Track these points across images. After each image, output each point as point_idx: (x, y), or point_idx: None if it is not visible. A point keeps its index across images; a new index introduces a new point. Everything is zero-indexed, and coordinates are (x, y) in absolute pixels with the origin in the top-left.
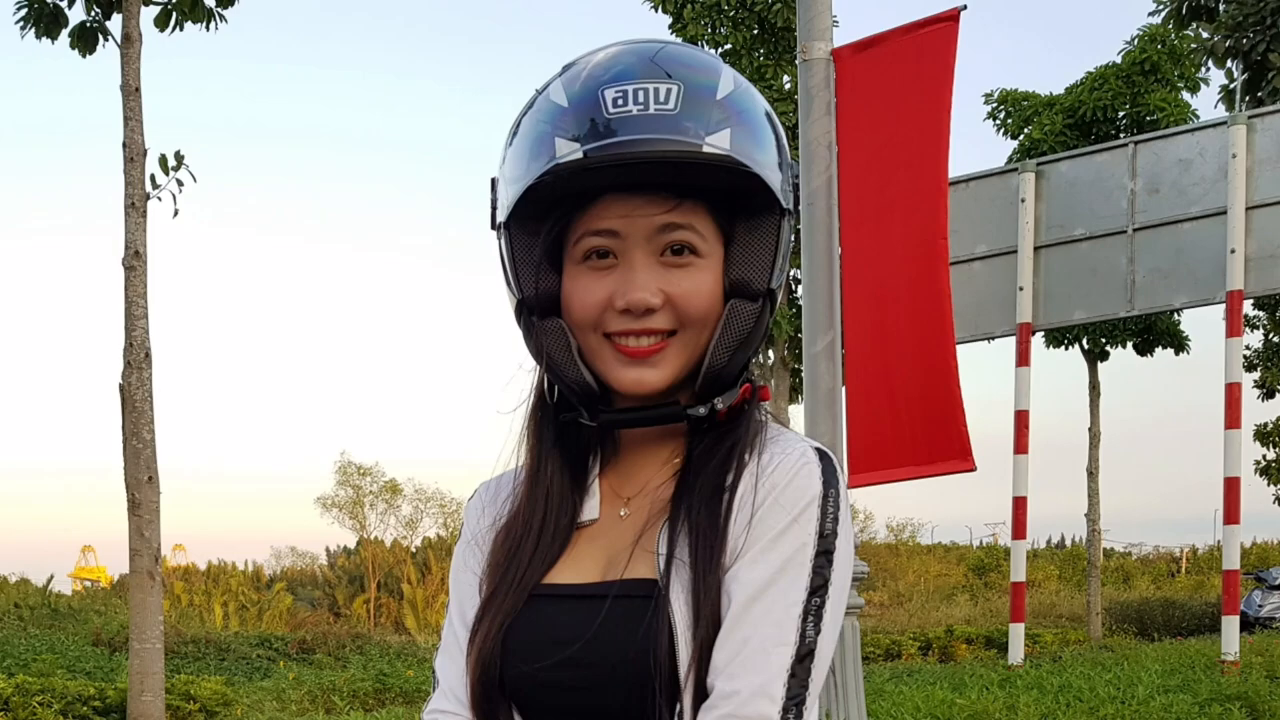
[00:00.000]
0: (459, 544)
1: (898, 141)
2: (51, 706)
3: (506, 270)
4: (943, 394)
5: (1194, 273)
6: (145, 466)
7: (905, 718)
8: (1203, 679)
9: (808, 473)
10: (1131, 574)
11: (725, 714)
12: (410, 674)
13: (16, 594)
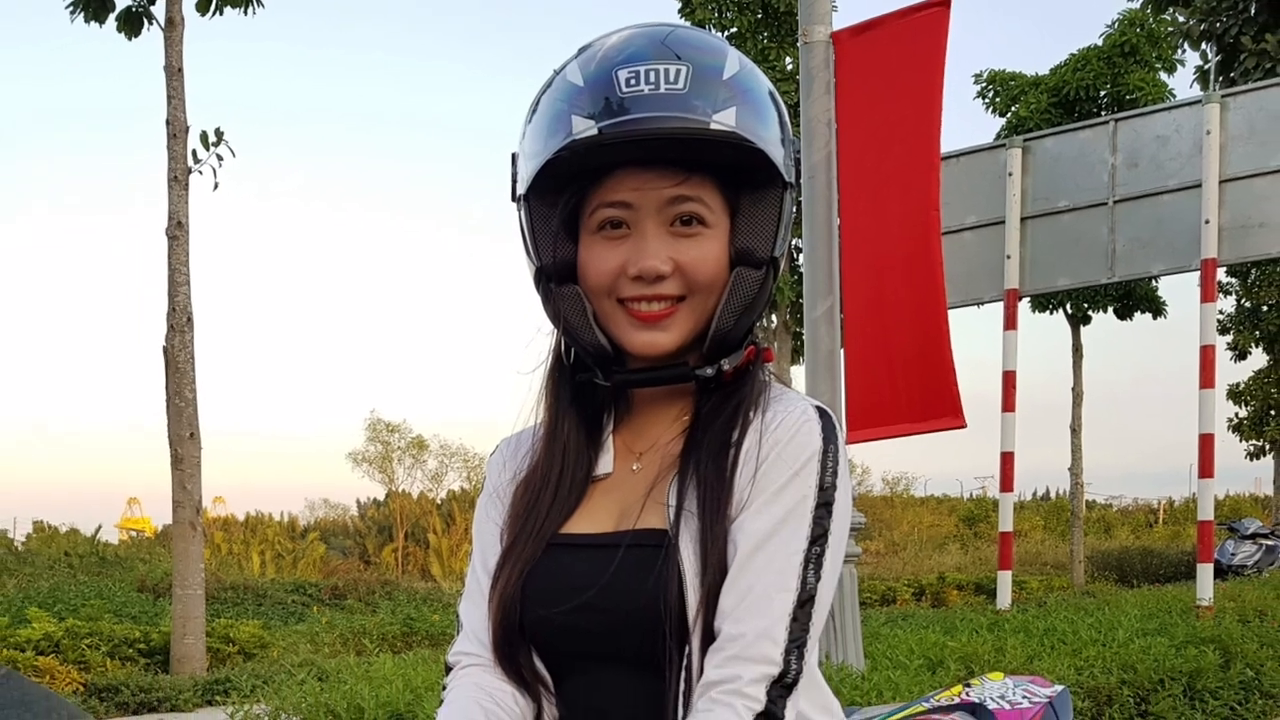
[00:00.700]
0: (481, 497)
1: (893, 119)
2: (99, 649)
3: (526, 240)
4: (935, 356)
5: (1171, 242)
6: (187, 424)
7: (900, 659)
8: (1179, 623)
9: (808, 430)
10: (1112, 524)
11: (731, 656)
12: (436, 618)
13: (66, 543)
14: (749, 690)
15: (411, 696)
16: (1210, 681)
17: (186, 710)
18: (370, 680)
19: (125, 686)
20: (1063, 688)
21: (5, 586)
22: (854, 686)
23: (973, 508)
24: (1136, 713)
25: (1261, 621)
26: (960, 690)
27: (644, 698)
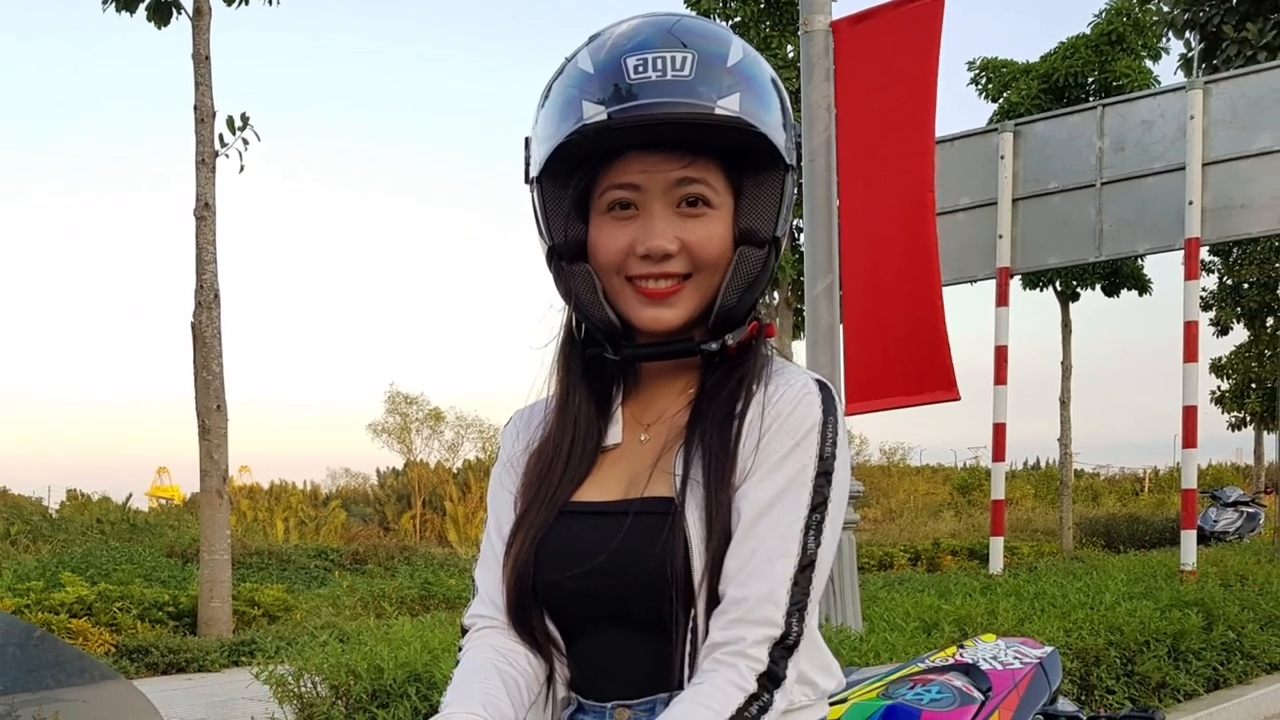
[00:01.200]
0: (496, 466)
1: (890, 104)
2: (130, 611)
3: (539, 220)
4: (930, 331)
5: (1156, 222)
6: (214, 396)
7: (897, 621)
8: (1164, 587)
9: (809, 402)
10: (1099, 493)
11: (735, 618)
12: (452, 582)
13: (99, 510)
14: (752, 651)
15: (429, 657)
16: (1194, 643)
17: (213, 671)
18: (389, 642)
19: (155, 648)
20: (1052, 649)
21: (40, 552)
22: (853, 648)
23: (966, 476)
24: (1123, 673)
25: (1242, 586)
26: (954, 651)
27: (651, 658)
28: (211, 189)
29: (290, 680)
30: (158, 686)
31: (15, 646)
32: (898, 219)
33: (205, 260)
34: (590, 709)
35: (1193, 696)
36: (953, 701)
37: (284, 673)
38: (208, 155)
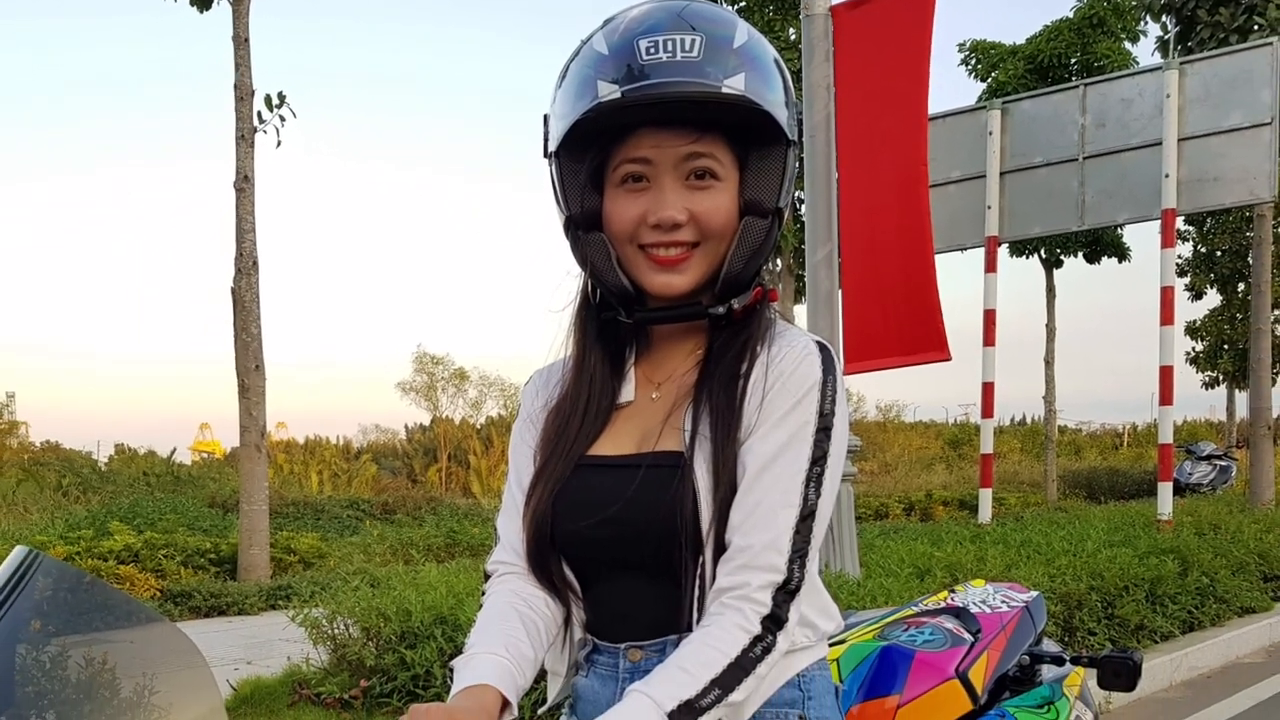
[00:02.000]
0: (517, 422)
1: (885, 84)
2: (174, 558)
3: (556, 192)
4: (923, 296)
5: (1134, 194)
6: (253, 357)
7: (892, 567)
8: (1142, 535)
9: (810, 362)
10: (1081, 447)
11: (740, 565)
12: (475, 531)
13: (145, 464)
14: (757, 596)
15: (454, 601)
16: (1170, 587)
17: (252, 614)
18: (417, 587)
19: (197, 592)
20: (1037, 593)
21: (90, 503)
22: (851, 592)
23: (957, 432)
24: (1104, 615)
25: (1216, 534)
26: (946, 595)
27: (662, 602)
28: (250, 163)
29: (324, 622)
30: (200, 628)
31: (66, 591)
32: (893, 191)
33: (245, 230)
34: (605, 650)
35: (1169, 638)
36: (944, 642)
37: (318, 615)
38: (247, 131)
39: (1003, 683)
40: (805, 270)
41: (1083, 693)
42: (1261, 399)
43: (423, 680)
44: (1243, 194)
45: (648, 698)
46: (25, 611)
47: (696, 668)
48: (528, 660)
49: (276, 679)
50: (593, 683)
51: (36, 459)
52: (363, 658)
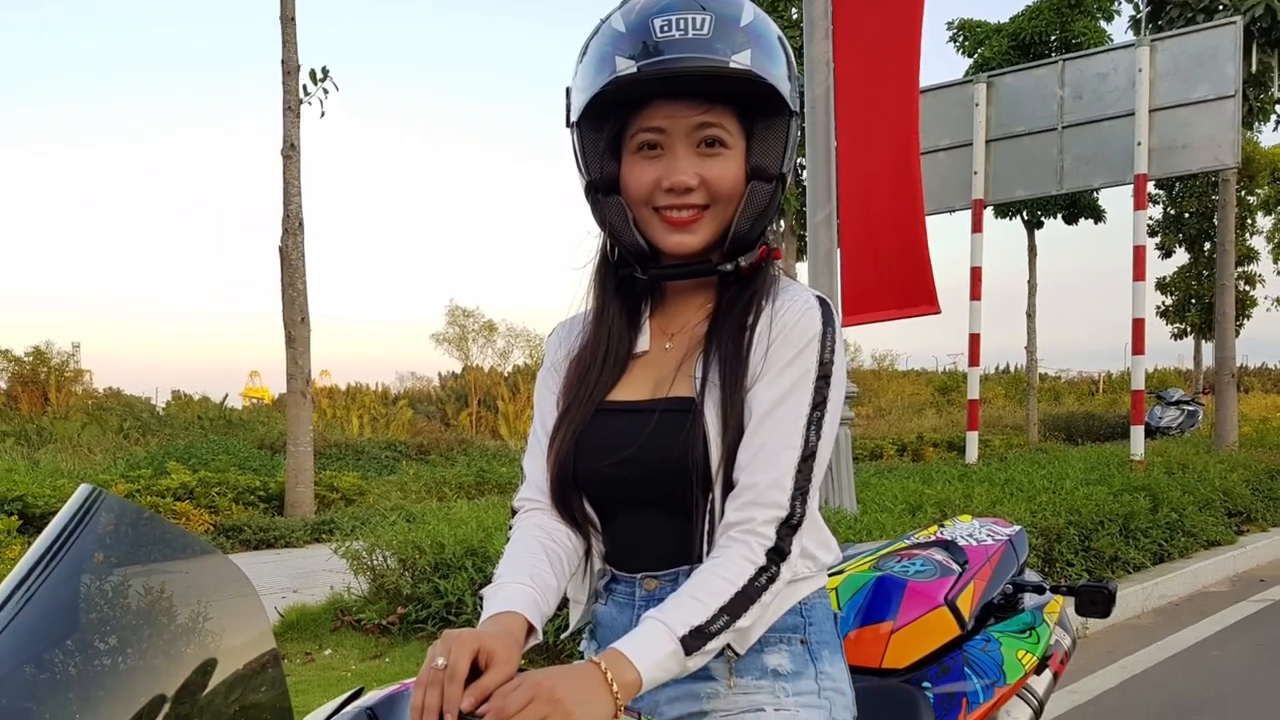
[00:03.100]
0: (541, 370)
1: (880, 59)
2: (226, 495)
3: (578, 158)
4: (915, 254)
5: (1109, 160)
6: (299, 310)
7: (886, 504)
8: (1116, 474)
9: (810, 315)
10: (1061, 393)
11: (747, 501)
12: (503, 470)
13: (199, 408)
14: (762, 530)
15: (483, 535)
16: (1142, 522)
17: (298, 546)
18: (449, 521)
19: (247, 526)
20: (1020, 528)
21: (148, 444)
22: (848, 526)
23: (946, 379)
24: (1081, 548)
25: (1184, 473)
26: (936, 530)
27: (675, 536)
28: (296, 132)
29: (364, 554)
30: (250, 560)
31: (127, 526)
32: (887, 158)
33: (291, 193)
34: (622, 579)
35: (1141, 569)
36: (934, 573)
37: (358, 548)
38: (293, 103)
39: (988, 610)
40: (806, 231)
41: (1061, 619)
42: (1226, 349)
43: (455, 607)
44: (1208, 160)
45: (662, 623)
46: (89, 544)
47: (707, 596)
48: (551, 589)
49: (320, 606)
50: (611, 610)
51: (100, 404)
52: (399, 587)
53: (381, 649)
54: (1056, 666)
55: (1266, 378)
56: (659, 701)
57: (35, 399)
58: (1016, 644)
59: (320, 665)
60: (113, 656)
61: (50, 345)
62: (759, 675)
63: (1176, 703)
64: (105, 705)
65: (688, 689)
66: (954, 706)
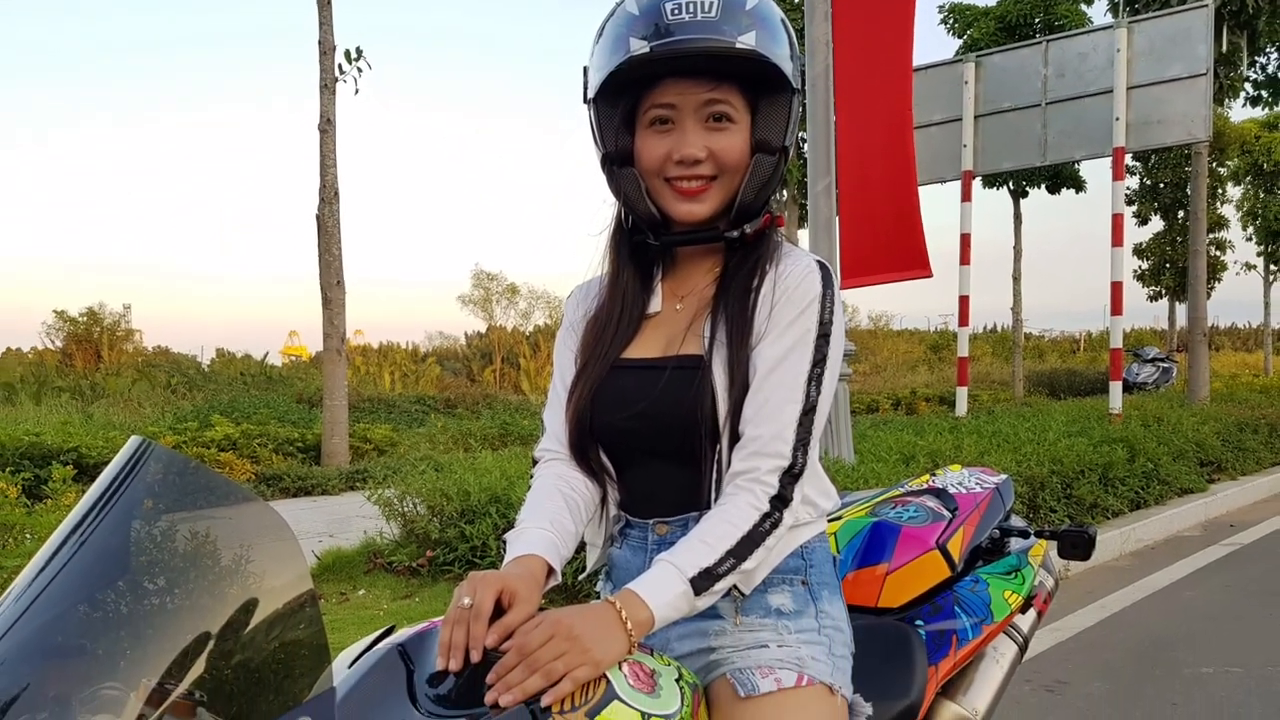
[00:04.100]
0: (560, 330)
1: (876, 40)
2: (267, 446)
3: (594, 132)
4: (909, 222)
5: (1089, 134)
6: (335, 274)
7: (881, 454)
8: (1095, 426)
9: (811, 278)
10: (1044, 351)
11: (752, 452)
12: (525, 423)
13: (242, 365)
14: (766, 478)
15: (506, 483)
16: (1119, 471)
17: (334, 494)
18: (475, 470)
19: (286, 475)
20: (1006, 476)
21: (194, 399)
22: (846, 475)
23: (937, 338)
24: (1063, 495)
25: (1159, 426)
26: (928, 478)
27: (685, 484)
28: (332, 108)
29: (395, 501)
30: (289, 506)
31: (175, 475)
32: (882, 132)
33: (327, 165)
34: (636, 525)
35: (1119, 515)
36: (926, 518)
37: (390, 495)
38: (329, 81)
39: (976, 553)
40: (807, 200)
41: (1045, 562)
42: (1198, 310)
43: (480, 551)
44: (1182, 134)
45: (673, 566)
46: (139, 492)
47: (714, 540)
48: (570, 534)
49: (354, 550)
50: (625, 553)
51: (149, 362)
52: (428, 531)
53: (411, 589)
54: (1040, 606)
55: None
56: (670, 638)
57: (89, 357)
58: (1003, 585)
59: (354, 605)
60: (161, 596)
61: (103, 307)
62: (763, 614)
63: (1152, 639)
64: (154, 642)
65: (697, 627)
66: (945, 643)
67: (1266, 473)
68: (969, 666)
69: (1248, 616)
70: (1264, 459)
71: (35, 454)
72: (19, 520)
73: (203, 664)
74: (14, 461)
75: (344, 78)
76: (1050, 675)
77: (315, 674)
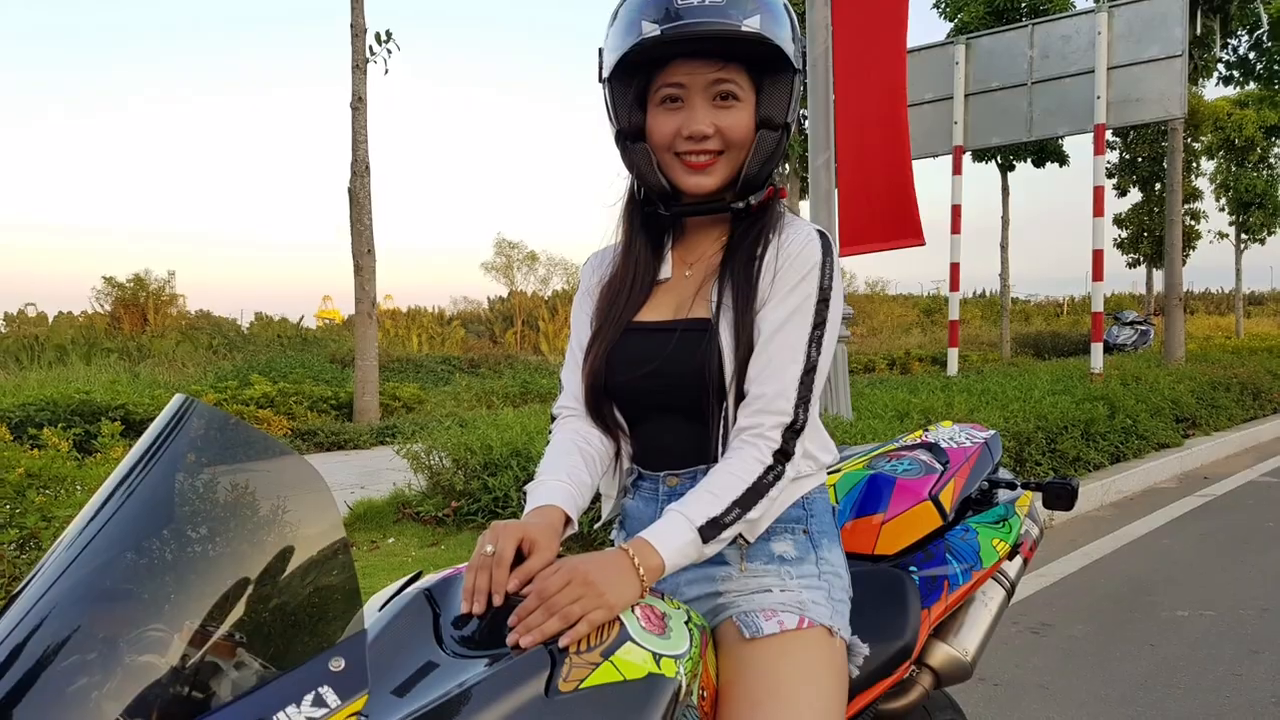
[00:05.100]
0: (577, 295)
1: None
2: (302, 404)
3: (609, 110)
4: (903, 194)
5: (1072, 112)
6: (365, 242)
7: (877, 411)
8: (1078, 385)
9: (812, 247)
10: (1030, 314)
11: (757, 409)
12: (544, 382)
13: (279, 328)
14: (769, 434)
15: (526, 438)
16: (1100, 427)
17: (365, 448)
18: (497, 426)
19: (320, 431)
20: (994, 432)
21: (234, 359)
22: (845, 431)
23: (930, 303)
24: (1047, 450)
25: (1137, 384)
26: (921, 434)
27: (694, 439)
28: (363, 87)
29: (422, 455)
30: (323, 460)
31: (216, 430)
32: (878, 110)
33: (359, 141)
34: (648, 477)
35: (1100, 468)
36: (919, 471)
37: (417, 449)
38: (360, 61)
39: (967, 503)
40: (808, 173)
41: (1031, 512)
42: (1174, 276)
43: (501, 501)
44: (1159, 112)
45: (682, 515)
46: (182, 447)
47: (721, 491)
48: (586, 486)
49: (384, 500)
50: (638, 503)
51: (192, 324)
52: (453, 483)
53: (437, 538)
54: (1026, 553)
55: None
56: (680, 584)
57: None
58: (991, 533)
59: (384, 552)
60: (203, 544)
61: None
62: (767, 560)
63: (1131, 584)
64: (196, 586)
65: (705, 573)
66: (937, 587)
67: (1238, 428)
68: (960, 610)
69: (1220, 563)
70: (1235, 415)
71: (85, 411)
72: (70, 473)
73: (242, 607)
74: (65, 418)
75: (374, 58)
76: (1036, 618)
77: (347, 617)
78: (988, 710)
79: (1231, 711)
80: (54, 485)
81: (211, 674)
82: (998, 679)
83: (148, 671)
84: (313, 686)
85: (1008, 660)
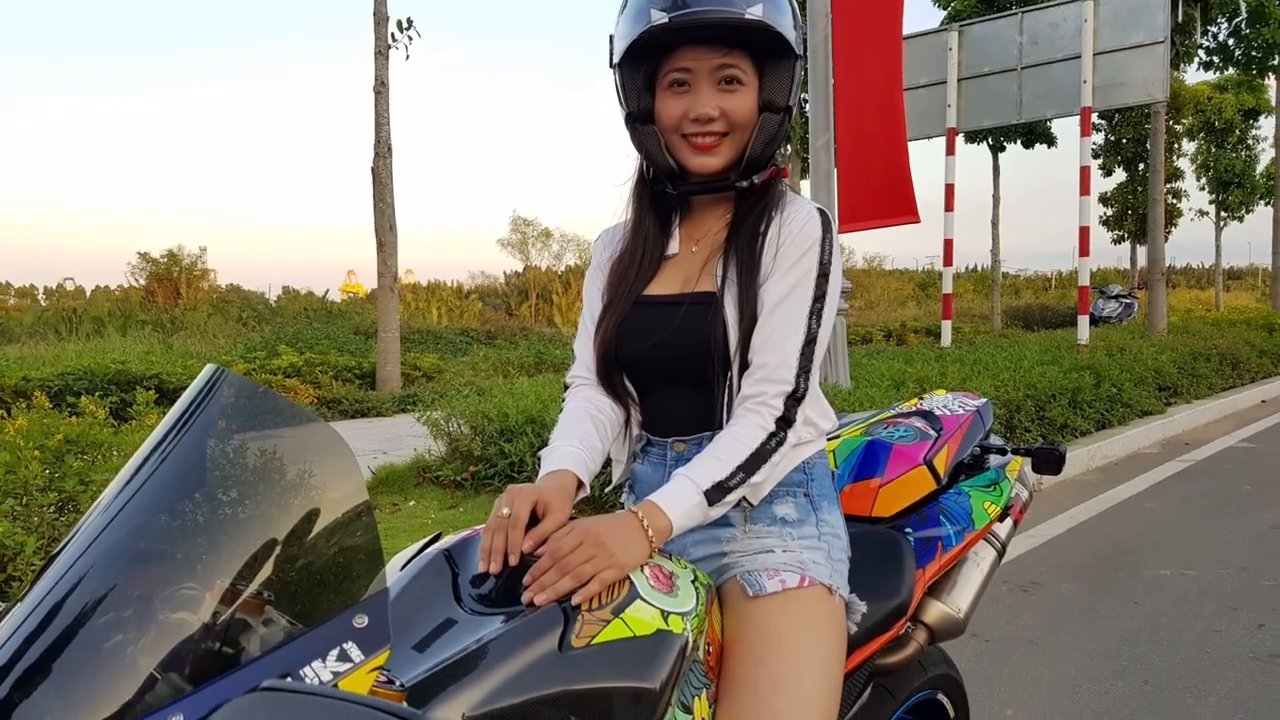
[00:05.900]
0: (589, 270)
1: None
2: (327, 373)
3: (619, 94)
4: (899, 173)
5: (1060, 95)
6: (388, 220)
7: (875, 380)
8: (1065, 356)
9: (812, 224)
10: (1020, 288)
11: (760, 378)
12: (558, 353)
13: (305, 301)
14: (772, 402)
15: (540, 406)
16: (1087, 396)
17: (387, 415)
18: (512, 395)
19: (345, 399)
20: (986, 400)
21: (263, 331)
22: (844, 399)
23: (924, 277)
24: (1036, 417)
25: (1122, 355)
26: (916, 402)
27: (700, 407)
28: (386, 72)
29: (441, 422)
30: (347, 427)
31: (245, 399)
32: (876, 93)
33: (382, 123)
34: (656, 443)
35: (1086, 434)
36: (915, 437)
37: (437, 417)
38: (383, 48)
39: (960, 468)
40: (809, 153)
41: (1020, 476)
42: (1157, 252)
43: (517, 466)
44: (1142, 95)
45: (689, 479)
46: (213, 414)
47: (726, 456)
48: (597, 451)
49: (405, 465)
50: (647, 468)
51: (223, 298)
52: (471, 449)
53: (456, 501)
54: (1016, 515)
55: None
56: (687, 544)
57: (169, 294)
58: (983, 496)
59: (405, 514)
60: (233, 507)
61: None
62: (769, 522)
63: (1115, 546)
64: (226, 548)
65: (710, 534)
66: (931, 548)
67: (1218, 397)
68: (953, 569)
69: (1201, 525)
70: (1215, 384)
71: (121, 380)
72: (106, 439)
73: (270, 567)
74: (102, 386)
75: (396, 45)
76: (1025, 577)
77: (370, 576)
78: (980, 664)
79: (1211, 665)
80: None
81: (241, 630)
82: (989, 635)
83: (180, 628)
84: (338, 642)
85: (999, 617)
